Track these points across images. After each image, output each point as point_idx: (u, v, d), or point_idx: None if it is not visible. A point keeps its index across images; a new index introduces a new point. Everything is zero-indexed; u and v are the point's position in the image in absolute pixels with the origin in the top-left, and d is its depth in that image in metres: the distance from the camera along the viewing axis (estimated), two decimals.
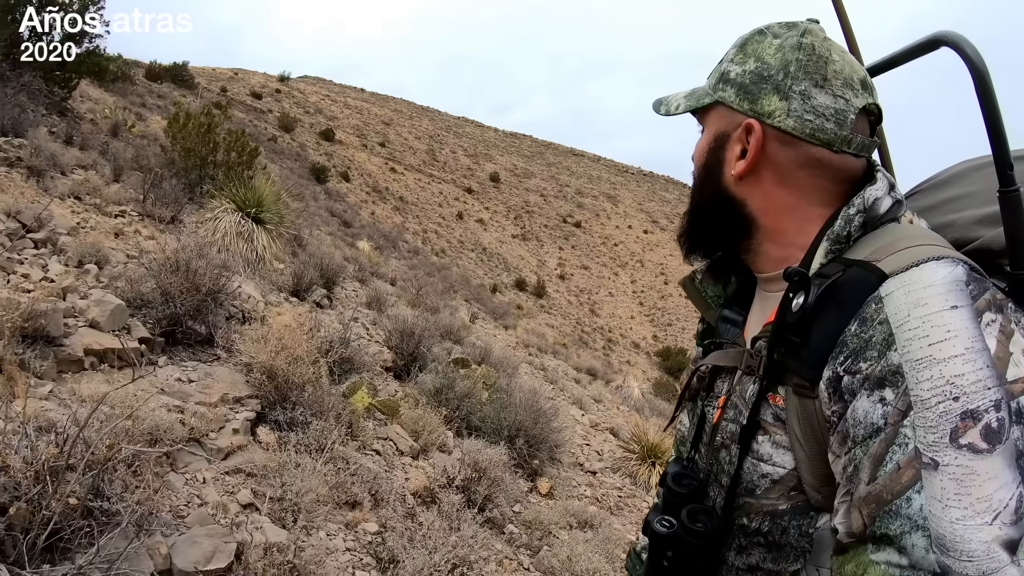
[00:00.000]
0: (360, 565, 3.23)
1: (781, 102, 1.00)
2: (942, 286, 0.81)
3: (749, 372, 1.04)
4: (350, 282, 11.42)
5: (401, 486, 4.37)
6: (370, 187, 53.51)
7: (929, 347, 0.77)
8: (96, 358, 3.75)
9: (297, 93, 71.34)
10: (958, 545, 0.70)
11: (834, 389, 0.86)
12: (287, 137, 49.11)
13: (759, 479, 0.98)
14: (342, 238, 18.88)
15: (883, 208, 0.98)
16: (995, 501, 0.70)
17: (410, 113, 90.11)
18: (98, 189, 8.03)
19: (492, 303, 27.20)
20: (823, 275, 0.94)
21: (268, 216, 8.56)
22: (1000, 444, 0.72)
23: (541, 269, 61.34)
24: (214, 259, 5.23)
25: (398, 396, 6.39)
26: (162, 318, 4.47)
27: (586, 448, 8.43)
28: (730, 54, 1.09)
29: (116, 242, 6.30)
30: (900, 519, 0.74)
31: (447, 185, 68.56)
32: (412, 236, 44.40)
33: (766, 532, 0.98)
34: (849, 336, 0.86)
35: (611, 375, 20.03)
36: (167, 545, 2.41)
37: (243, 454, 3.56)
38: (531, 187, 79.23)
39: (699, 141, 1.15)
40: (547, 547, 4.81)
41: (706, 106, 1.11)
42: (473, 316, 18.05)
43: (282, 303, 7.19)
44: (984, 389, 0.74)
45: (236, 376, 4.39)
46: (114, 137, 12.22)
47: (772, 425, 0.97)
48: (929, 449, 0.74)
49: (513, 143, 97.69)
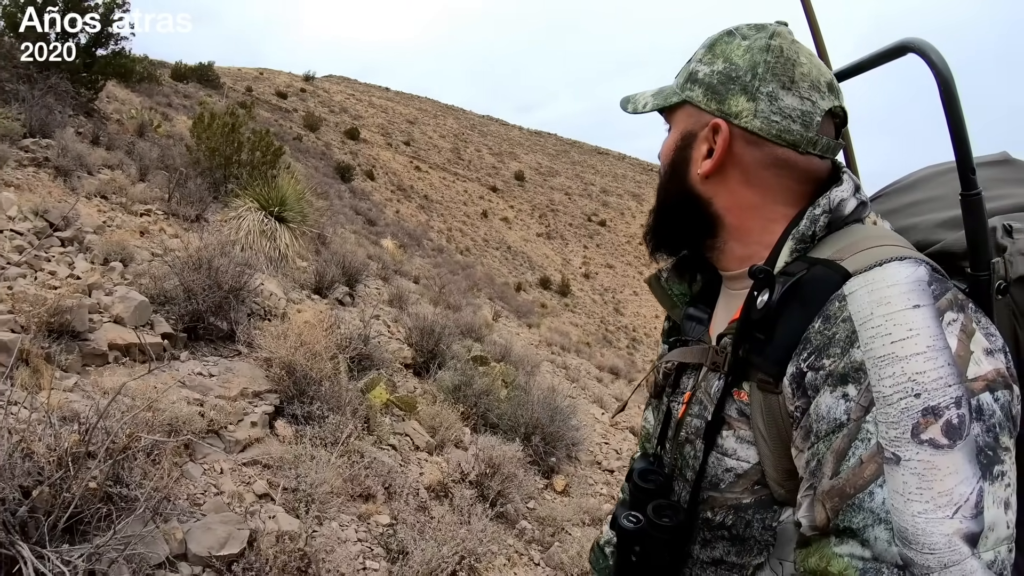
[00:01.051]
0: (370, 555, 3.32)
1: (748, 103, 1.01)
2: (905, 285, 0.83)
3: (714, 368, 1.05)
4: (373, 280, 11.52)
5: (415, 480, 4.45)
6: (395, 185, 53.72)
7: (891, 344, 0.79)
8: (120, 352, 3.89)
9: (322, 92, 71.77)
10: (920, 538, 0.71)
11: (797, 385, 0.87)
12: (312, 136, 49.43)
13: (723, 473, 0.99)
14: (366, 236, 18.99)
15: (848, 209, 1.00)
16: (956, 495, 0.72)
17: (435, 112, 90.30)
18: (124, 188, 8.20)
19: (516, 301, 27.18)
20: (787, 273, 0.95)
21: (291, 215, 8.69)
22: (961, 440, 0.74)
23: (566, 267, 61.14)
24: (236, 257, 5.35)
25: (416, 392, 6.47)
26: (184, 314, 4.60)
27: (604, 447, 8.44)
28: (699, 54, 1.09)
29: (141, 240, 6.46)
30: (863, 512, 0.75)
31: (472, 183, 68.61)
32: (437, 234, 44.50)
33: (730, 526, 0.99)
34: (813, 333, 0.87)
35: (634, 374, 19.95)
36: (182, 531, 2.53)
37: (260, 446, 3.67)
38: (556, 185, 78.99)
39: (666, 139, 1.15)
40: (558, 543, 4.87)
41: (673, 105, 1.11)
42: (496, 314, 18.09)
43: (304, 300, 7.30)
44: (945, 386, 0.75)
45: (256, 371, 4.50)
46: (140, 137, 12.41)
47: (736, 420, 0.98)
48: (891, 444, 0.75)
49: (538, 141, 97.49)
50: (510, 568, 4.15)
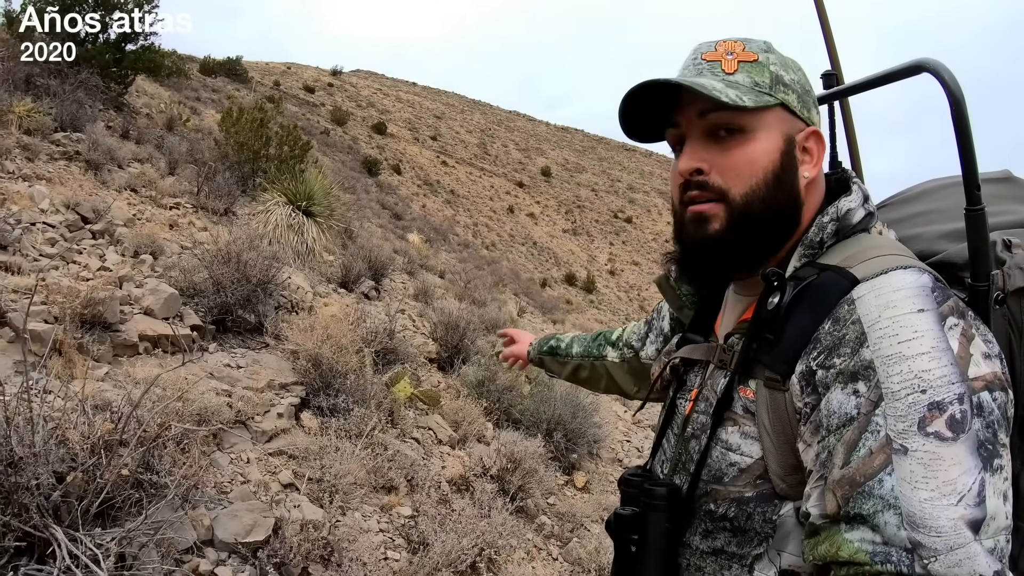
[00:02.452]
0: (392, 546, 3.38)
1: (817, 116, 1.09)
2: (910, 291, 0.88)
3: (721, 366, 1.11)
4: (399, 274, 11.61)
5: (437, 474, 4.51)
6: (421, 180, 53.93)
7: (899, 344, 0.84)
8: (150, 343, 3.98)
9: (349, 87, 72.25)
10: (927, 522, 0.75)
11: (807, 382, 0.91)
12: (339, 130, 49.78)
13: (727, 467, 1.03)
14: (392, 230, 19.12)
15: (855, 219, 1.05)
16: (960, 484, 0.76)
17: (462, 107, 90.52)
18: (153, 182, 8.35)
19: (541, 297, 27.19)
20: (797, 278, 1.00)
21: (318, 209, 8.78)
22: (963, 433, 0.78)
23: (591, 264, 60.97)
24: (264, 251, 5.44)
25: (440, 387, 6.53)
26: (213, 307, 4.69)
27: (626, 444, 8.42)
28: (771, 58, 1.06)
29: (170, 233, 6.58)
30: (873, 499, 0.79)
31: (498, 179, 68.66)
32: (463, 229, 44.64)
33: (732, 517, 1.02)
34: (823, 334, 0.91)
35: None
36: (210, 517, 2.60)
37: (286, 437, 3.74)
38: (582, 182, 78.82)
39: (743, 146, 1.04)
40: (577, 539, 4.90)
41: (767, 105, 1.04)
42: (521, 310, 18.12)
43: (330, 294, 7.40)
44: (949, 384, 0.80)
45: (283, 363, 4.58)
46: (169, 131, 12.59)
47: (742, 416, 1.02)
48: (899, 436, 0.80)
49: (564, 137, 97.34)
50: (528, 562, 4.19)
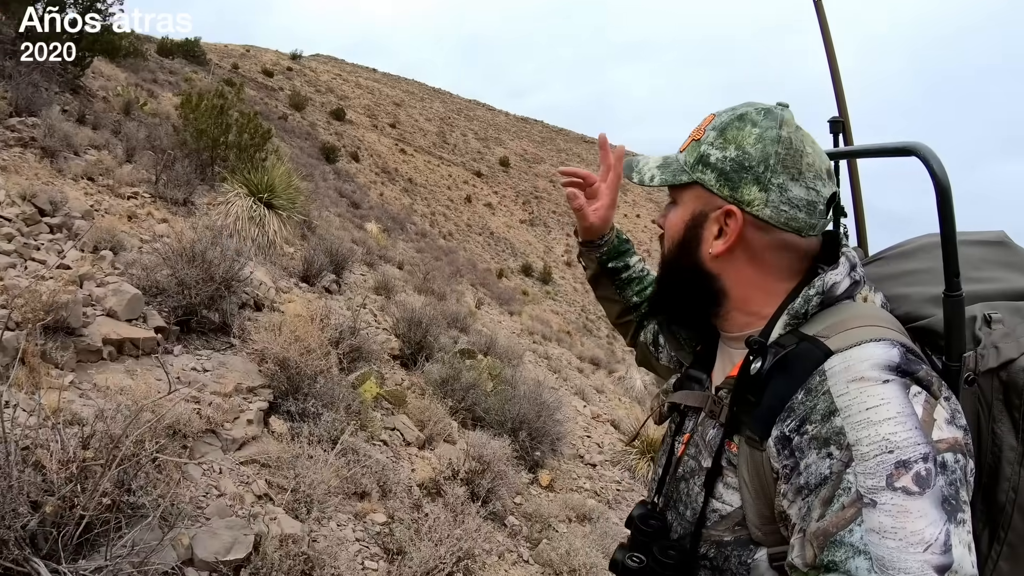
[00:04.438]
0: (369, 556, 3.34)
1: (760, 192, 1.10)
2: (877, 362, 0.94)
3: (711, 415, 1.18)
4: (358, 266, 11.46)
5: (408, 477, 4.48)
6: (379, 168, 53.38)
7: (867, 411, 0.90)
8: (114, 348, 3.84)
9: (309, 72, 71.02)
10: (896, 564, 0.81)
11: (783, 446, 0.98)
12: (298, 115, 48.93)
13: (710, 513, 1.11)
14: (350, 219, 18.89)
15: (840, 290, 1.10)
16: (927, 535, 0.82)
17: (421, 95, 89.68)
18: (111, 170, 8.08)
19: (498, 288, 27.19)
20: (780, 344, 1.07)
21: (280, 201, 8.62)
22: (929, 488, 0.84)
23: (548, 255, 61.15)
24: (228, 247, 5.31)
25: (405, 385, 6.48)
26: (177, 307, 4.55)
27: (587, 440, 8.47)
28: (710, 136, 1.16)
29: (129, 226, 6.37)
30: (844, 547, 0.85)
31: (456, 168, 68.33)
32: (420, 218, 44.34)
33: (712, 558, 1.10)
34: (796, 403, 0.98)
35: (614, 365, 20.05)
36: (188, 536, 2.53)
37: (257, 444, 3.67)
38: (540, 173, 78.84)
39: (672, 213, 1.24)
40: (546, 540, 4.91)
41: (683, 183, 1.19)
42: (479, 301, 18.10)
43: (292, 289, 7.27)
44: (915, 444, 0.87)
45: (249, 366, 4.49)
46: (126, 116, 12.17)
47: (725, 468, 1.10)
48: (869, 492, 0.86)
49: (524, 128, 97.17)
50: (500, 565, 4.18)
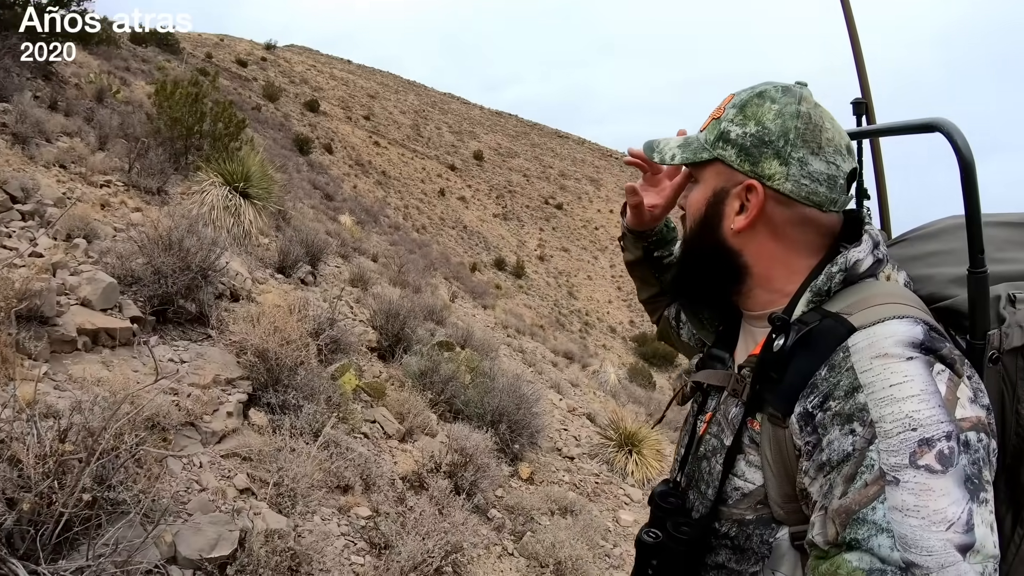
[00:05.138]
0: (355, 550, 3.27)
1: (781, 167, 1.10)
2: (901, 341, 0.94)
3: (734, 394, 1.18)
4: (333, 258, 11.35)
5: (390, 470, 4.41)
6: (353, 160, 53.00)
7: (890, 387, 0.90)
8: (89, 338, 3.71)
9: (283, 62, 70.18)
10: (919, 543, 0.81)
11: (806, 423, 0.98)
12: (271, 106, 48.36)
13: (731, 491, 1.12)
14: (324, 212, 18.72)
15: (863, 268, 1.10)
16: (949, 513, 0.82)
17: (396, 87, 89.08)
18: (84, 158, 7.90)
19: (471, 282, 27.19)
20: (803, 322, 1.07)
21: (256, 191, 8.48)
22: (952, 467, 0.84)
23: (521, 249, 61.26)
24: (204, 236, 5.19)
25: (383, 377, 6.40)
26: (153, 296, 4.43)
27: (564, 433, 8.46)
28: (730, 114, 1.17)
29: (103, 214, 6.21)
30: (867, 525, 0.86)
31: (430, 161, 68.05)
32: (393, 211, 44.07)
33: (733, 536, 1.11)
34: (819, 379, 0.98)
35: (587, 359, 20.15)
36: (171, 533, 2.44)
37: (237, 437, 3.57)
38: (514, 167, 78.83)
39: (693, 192, 1.25)
40: (530, 532, 4.88)
41: (704, 160, 1.19)
42: (453, 295, 18.04)
43: (268, 280, 7.15)
44: (938, 422, 0.86)
45: (227, 357, 4.38)
46: (99, 103, 11.95)
47: (748, 446, 1.11)
48: (892, 470, 0.86)
49: (498, 122, 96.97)
50: (487, 558, 4.14)
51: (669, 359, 46.71)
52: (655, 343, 47.79)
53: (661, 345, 47.82)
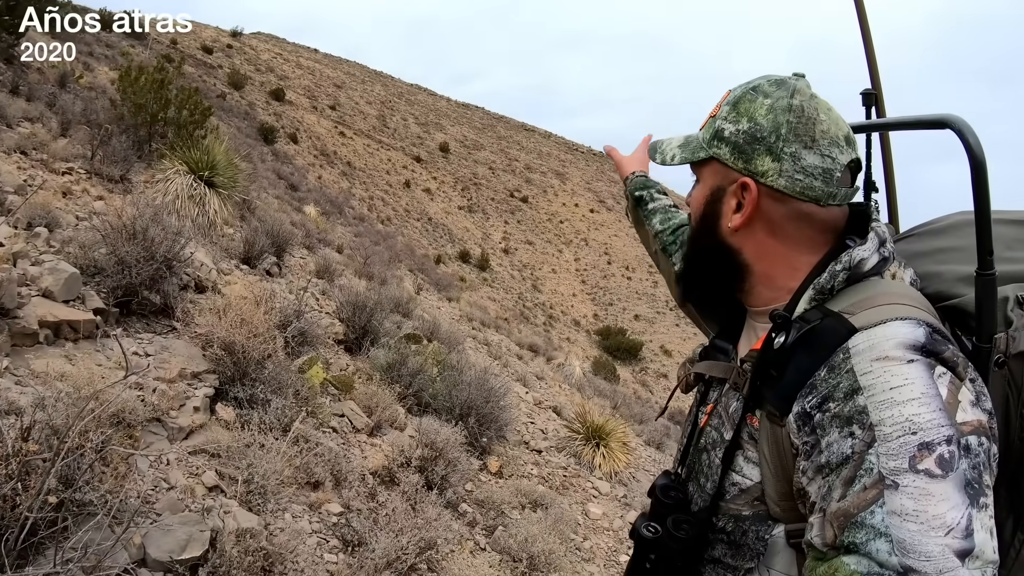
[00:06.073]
0: (328, 548, 3.22)
1: (773, 163, 1.10)
2: (902, 343, 0.93)
3: (735, 387, 1.17)
4: (298, 249, 11.21)
5: (360, 465, 4.35)
6: (318, 150, 52.35)
7: (890, 390, 0.89)
8: (50, 331, 3.58)
9: (249, 50, 68.91)
10: (918, 548, 0.81)
11: (803, 423, 0.97)
12: (236, 95, 47.51)
13: (729, 486, 1.12)
14: (289, 202, 18.48)
15: (868, 266, 1.08)
16: (948, 519, 0.81)
17: (363, 77, 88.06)
18: (45, 144, 7.68)
19: (436, 274, 27.07)
20: (804, 319, 1.05)
21: (221, 180, 8.31)
22: (952, 472, 0.83)
23: (485, 242, 61.22)
24: (170, 225, 5.06)
25: (350, 370, 6.34)
26: (116, 287, 4.30)
27: (531, 426, 8.46)
28: (724, 111, 1.18)
29: (64, 202, 6.04)
30: (865, 529, 0.85)
31: (396, 153, 67.54)
32: (358, 203, 43.64)
33: (729, 532, 1.11)
34: (819, 380, 0.97)
35: (552, 352, 20.22)
36: (140, 534, 2.35)
37: (204, 433, 3.48)
38: (480, 159, 78.62)
39: (695, 190, 1.26)
40: (502, 527, 4.87)
41: (701, 159, 1.20)
42: (418, 287, 17.95)
43: (233, 271, 7.03)
44: (938, 426, 0.85)
45: (193, 350, 4.27)
46: (62, 88, 11.65)
47: (746, 442, 1.11)
48: (891, 474, 0.85)
49: (465, 114, 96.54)
50: (460, 554, 4.11)
51: (633, 352, 47.13)
52: (619, 337, 48.20)
53: (625, 339, 48.22)
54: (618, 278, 66.28)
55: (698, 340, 1.51)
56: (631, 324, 56.03)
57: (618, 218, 73.99)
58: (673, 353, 51.79)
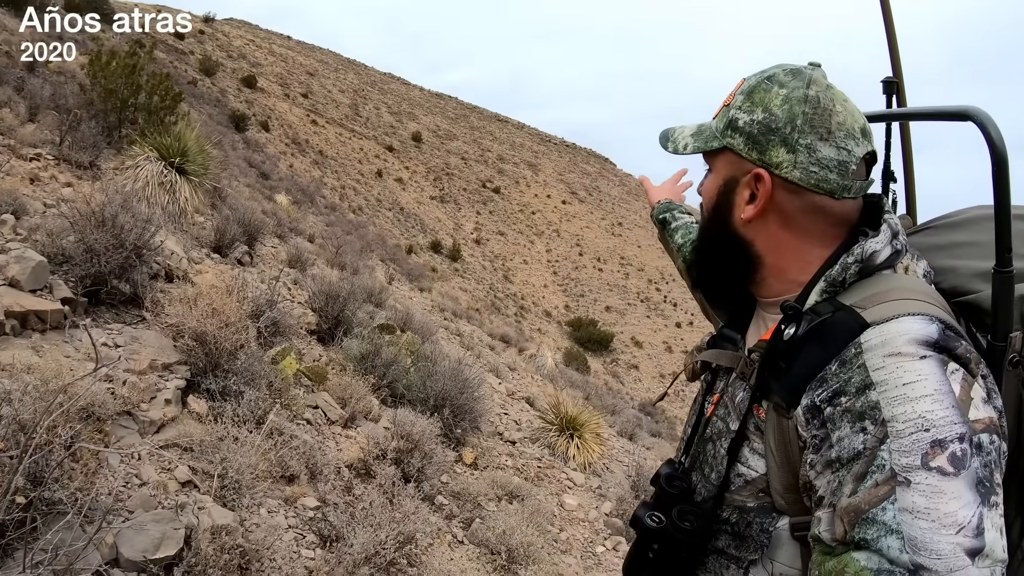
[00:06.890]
0: (305, 544, 3.17)
1: (788, 154, 1.07)
2: (915, 339, 0.92)
3: (742, 377, 1.17)
4: (270, 238, 11.06)
5: (335, 458, 4.30)
6: (290, 139, 51.73)
7: (903, 386, 0.88)
8: (17, 321, 3.46)
9: (221, 36, 67.71)
10: (928, 545, 0.80)
11: (812, 416, 0.96)
12: (208, 81, 46.64)
13: (734, 477, 1.11)
14: (260, 190, 18.24)
15: (880, 259, 1.07)
16: (960, 517, 0.81)
17: (336, 65, 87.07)
18: (12, 129, 7.45)
19: (407, 264, 26.98)
20: (815, 312, 1.04)
21: (193, 167, 8.15)
22: (964, 470, 0.83)
23: (457, 232, 61.09)
24: (139, 213, 4.93)
25: (324, 361, 6.27)
26: (85, 276, 4.18)
27: (504, 417, 8.44)
28: (738, 101, 1.15)
29: (32, 188, 5.88)
30: (876, 525, 0.84)
31: (368, 142, 67.01)
32: (330, 192, 43.24)
33: (734, 523, 1.10)
34: (830, 374, 0.96)
35: (524, 343, 20.26)
36: (112, 533, 2.27)
37: (176, 426, 3.40)
38: (452, 149, 78.33)
39: (707, 180, 1.24)
40: (479, 519, 4.84)
41: (714, 149, 1.18)
42: (390, 277, 17.85)
43: (204, 260, 6.90)
44: (951, 423, 0.85)
45: (163, 341, 4.17)
46: (30, 72, 11.33)
47: (752, 433, 1.09)
48: (903, 471, 0.84)
49: (438, 104, 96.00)
50: (439, 547, 4.08)
51: (604, 344, 47.39)
52: (590, 328, 48.43)
53: (596, 330, 48.47)
54: (589, 269, 66.57)
55: (667, 333, 1.50)
56: (602, 315, 56.32)
57: (590, 210, 74.34)
58: (644, 344, 52.21)
